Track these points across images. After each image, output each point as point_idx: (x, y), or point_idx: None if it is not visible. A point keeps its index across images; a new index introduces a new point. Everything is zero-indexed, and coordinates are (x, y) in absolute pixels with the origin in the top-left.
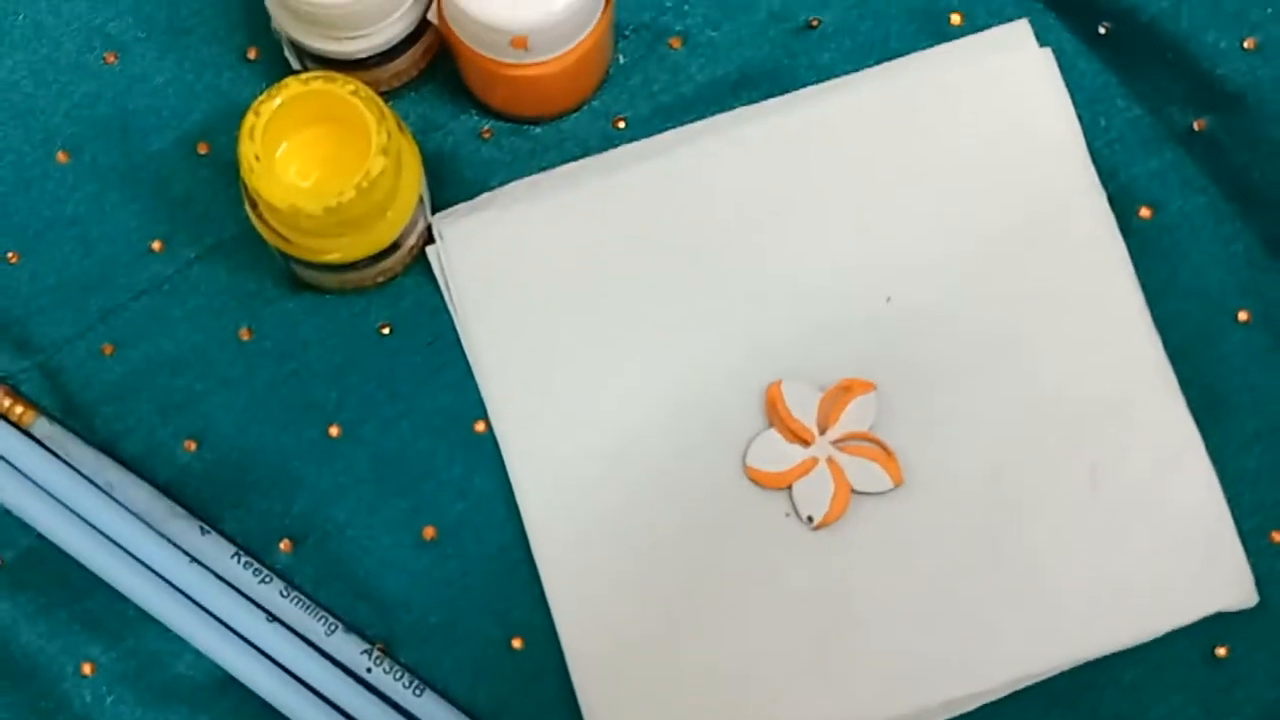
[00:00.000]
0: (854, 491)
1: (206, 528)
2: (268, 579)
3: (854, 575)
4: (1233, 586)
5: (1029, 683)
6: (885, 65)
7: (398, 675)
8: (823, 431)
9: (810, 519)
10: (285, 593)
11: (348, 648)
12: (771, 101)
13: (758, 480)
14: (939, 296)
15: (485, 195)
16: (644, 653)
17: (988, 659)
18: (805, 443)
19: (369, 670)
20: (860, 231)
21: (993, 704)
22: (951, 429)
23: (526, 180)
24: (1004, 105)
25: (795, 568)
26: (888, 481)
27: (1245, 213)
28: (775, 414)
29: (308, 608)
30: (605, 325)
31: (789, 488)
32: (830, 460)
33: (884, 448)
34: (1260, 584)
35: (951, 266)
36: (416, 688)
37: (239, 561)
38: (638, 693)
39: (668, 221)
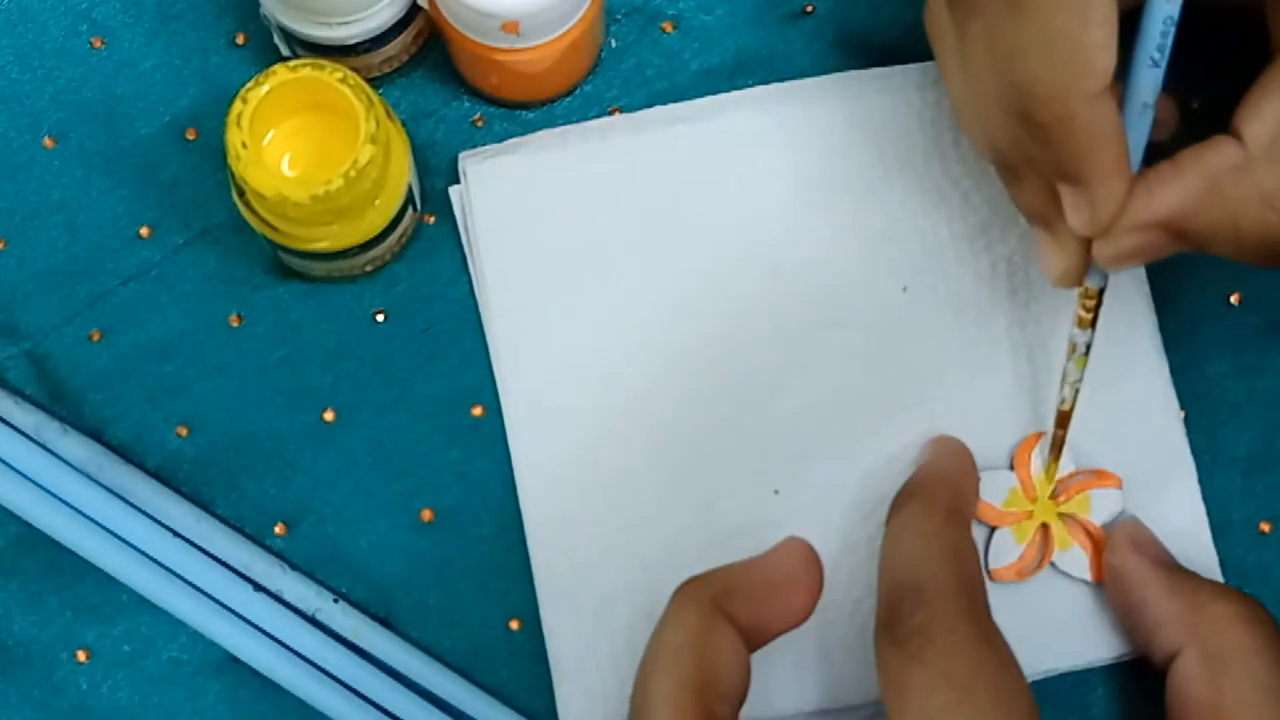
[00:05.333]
0: (1052, 564)
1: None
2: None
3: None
4: None
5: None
6: (928, 64)
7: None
8: (1052, 496)
9: (988, 570)
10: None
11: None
12: (810, 80)
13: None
14: (953, 287)
15: (513, 140)
16: (627, 636)
17: None
18: (1031, 499)
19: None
20: (882, 218)
21: None
22: (949, 419)
23: (557, 130)
24: None
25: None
26: (1087, 573)
27: None
28: (1019, 463)
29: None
30: (619, 283)
31: (992, 528)
32: (1040, 528)
33: (1098, 543)
34: (1248, 575)
35: (968, 257)
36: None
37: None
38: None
39: (692, 188)
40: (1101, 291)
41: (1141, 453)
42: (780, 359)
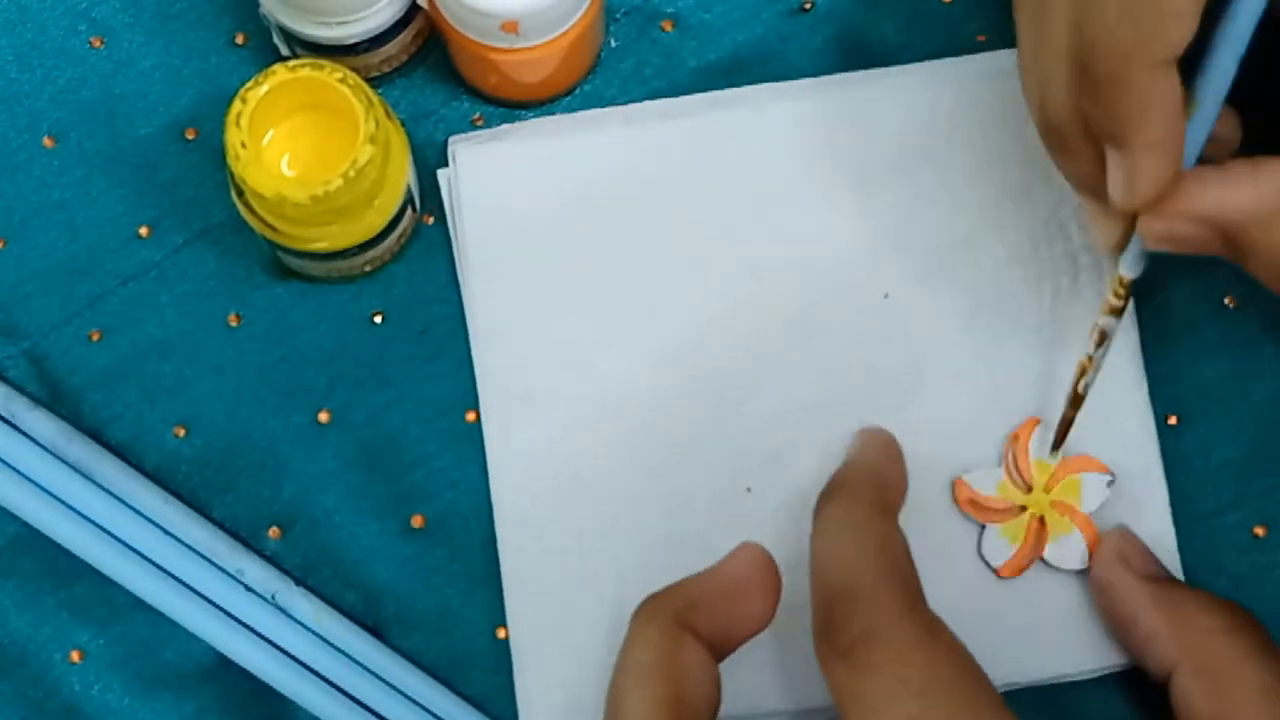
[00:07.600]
0: (1042, 560)
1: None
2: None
3: None
4: None
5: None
6: (923, 65)
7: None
8: (1047, 490)
9: (991, 567)
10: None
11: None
12: (805, 81)
13: (963, 506)
14: (935, 296)
15: (505, 126)
16: (591, 624)
17: None
18: (1026, 489)
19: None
20: (869, 223)
21: None
22: (925, 428)
23: (549, 119)
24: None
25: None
26: (1084, 560)
27: None
28: (1011, 450)
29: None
30: (602, 274)
31: (982, 525)
32: (1037, 519)
33: (1091, 526)
34: (1242, 579)
35: (953, 267)
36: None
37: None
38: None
39: (680, 183)
40: (1134, 281)
41: (1114, 458)
42: (759, 359)
